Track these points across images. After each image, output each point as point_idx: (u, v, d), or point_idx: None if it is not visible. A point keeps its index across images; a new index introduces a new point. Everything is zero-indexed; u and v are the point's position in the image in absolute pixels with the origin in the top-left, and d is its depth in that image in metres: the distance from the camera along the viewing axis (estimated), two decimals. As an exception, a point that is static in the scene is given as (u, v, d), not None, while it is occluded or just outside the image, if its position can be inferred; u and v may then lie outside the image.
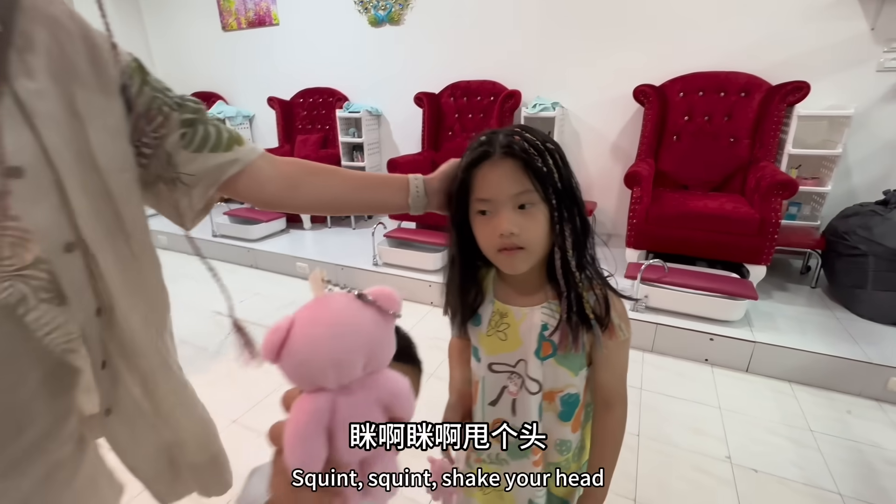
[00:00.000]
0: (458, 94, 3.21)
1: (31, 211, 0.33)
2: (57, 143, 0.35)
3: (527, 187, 0.53)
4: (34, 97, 0.34)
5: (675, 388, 1.73)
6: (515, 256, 0.55)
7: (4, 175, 0.30)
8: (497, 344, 0.62)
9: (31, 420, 0.37)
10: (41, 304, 0.34)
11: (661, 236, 2.25)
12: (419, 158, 3.11)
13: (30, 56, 0.35)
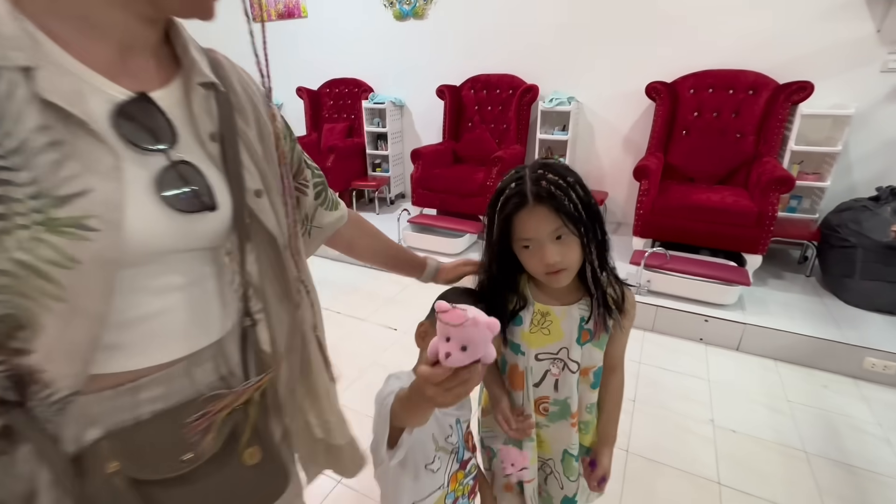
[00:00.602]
0: (479, 87, 3.37)
1: (268, 218, 0.51)
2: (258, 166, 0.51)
3: (560, 224, 0.65)
4: (252, 140, 0.51)
5: (671, 363, 1.95)
6: (560, 276, 0.69)
7: (257, 195, 0.50)
8: (541, 338, 0.76)
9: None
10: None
11: (665, 226, 2.43)
12: (440, 148, 3.31)
13: (240, 111, 0.51)
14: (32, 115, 0.34)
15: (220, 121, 0.48)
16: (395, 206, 3.89)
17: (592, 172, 3.29)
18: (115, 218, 0.37)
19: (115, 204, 0.37)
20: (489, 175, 2.82)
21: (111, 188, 0.37)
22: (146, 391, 0.44)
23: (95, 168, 0.36)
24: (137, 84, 0.42)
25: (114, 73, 0.40)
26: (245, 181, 0.49)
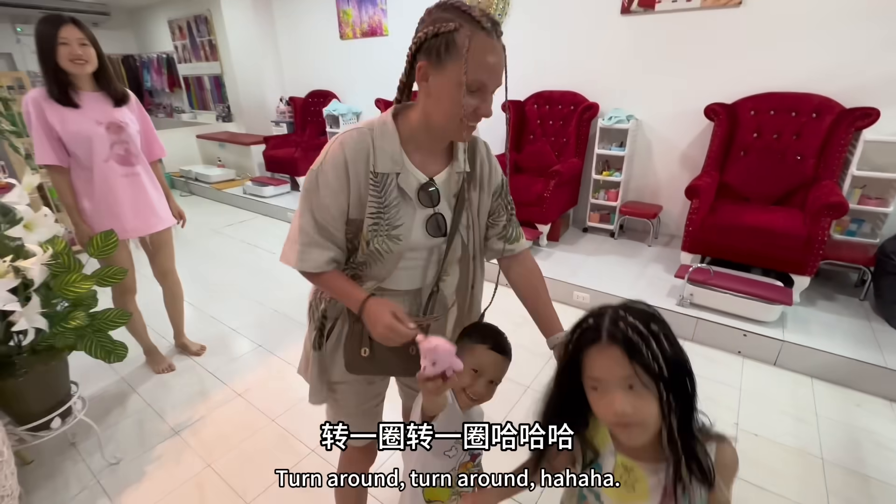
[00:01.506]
0: (542, 102, 3.62)
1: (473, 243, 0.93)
2: (474, 217, 0.91)
3: (632, 373, 0.58)
4: (473, 198, 0.90)
5: (703, 370, 2.13)
6: (632, 431, 0.61)
7: (464, 227, 0.90)
8: (626, 495, 0.68)
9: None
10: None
11: (714, 243, 2.57)
12: (500, 160, 3.59)
13: (472, 182, 0.90)
14: (394, 193, 0.83)
15: (458, 189, 0.90)
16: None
17: (648, 186, 3.43)
18: (408, 235, 0.85)
19: (409, 229, 0.85)
20: (546, 186, 3.09)
21: (410, 224, 0.85)
22: (392, 298, 0.90)
23: (407, 215, 0.85)
24: (430, 173, 0.87)
25: (422, 167, 0.86)
26: (462, 220, 0.91)
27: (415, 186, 0.84)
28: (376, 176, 0.81)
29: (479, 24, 0.73)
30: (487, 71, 0.74)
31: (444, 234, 0.89)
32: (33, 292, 1.32)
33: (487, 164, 0.94)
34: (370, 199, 0.81)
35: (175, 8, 6.72)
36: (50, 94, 1.65)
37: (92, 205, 1.80)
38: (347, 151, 0.80)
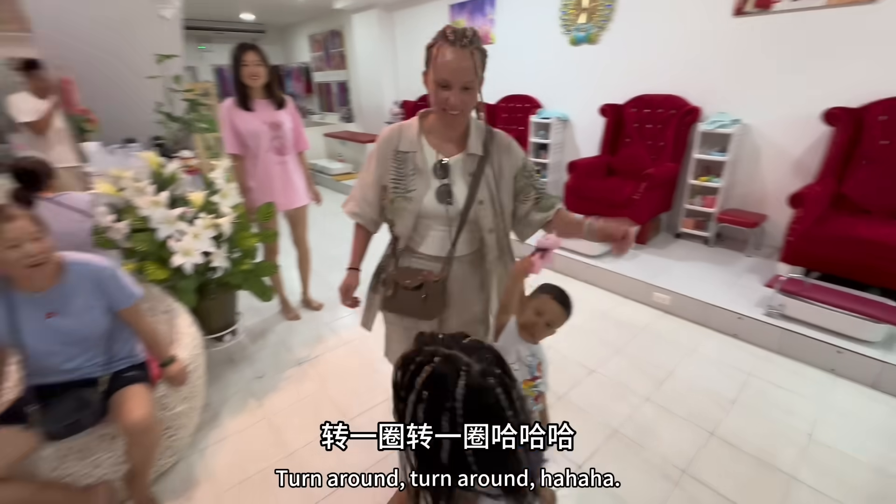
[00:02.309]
0: (641, 106, 3.63)
1: (486, 216, 1.17)
2: (493, 193, 1.18)
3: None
4: (490, 178, 1.17)
5: (786, 382, 2.07)
6: None
7: (478, 203, 1.15)
8: None
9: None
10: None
11: (821, 256, 2.41)
12: (595, 161, 3.69)
13: (488, 164, 1.17)
14: (411, 167, 1.13)
15: (475, 170, 1.14)
16: (548, 208, 4.40)
17: (754, 194, 3.26)
18: (419, 199, 1.13)
19: (421, 195, 1.13)
20: (636, 189, 3.13)
21: (423, 190, 1.13)
22: (417, 260, 1.19)
23: (422, 184, 1.13)
24: (445, 154, 1.13)
25: (438, 149, 1.13)
26: (476, 196, 1.15)
27: (430, 163, 1.12)
28: (398, 154, 1.14)
29: (445, 38, 0.98)
30: (448, 71, 0.98)
31: (451, 203, 1.13)
32: (224, 241, 1.89)
33: (505, 149, 1.15)
34: (391, 169, 1.15)
35: (315, 25, 7.81)
36: (236, 101, 2.25)
37: (255, 184, 2.38)
38: (383, 137, 1.17)
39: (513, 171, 1.17)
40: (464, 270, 1.23)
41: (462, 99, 1.01)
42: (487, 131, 1.15)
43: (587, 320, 2.64)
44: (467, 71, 0.97)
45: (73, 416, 1.34)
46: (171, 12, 3.29)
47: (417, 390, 0.63)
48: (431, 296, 1.16)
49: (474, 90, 1.02)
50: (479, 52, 1.00)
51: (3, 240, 1.17)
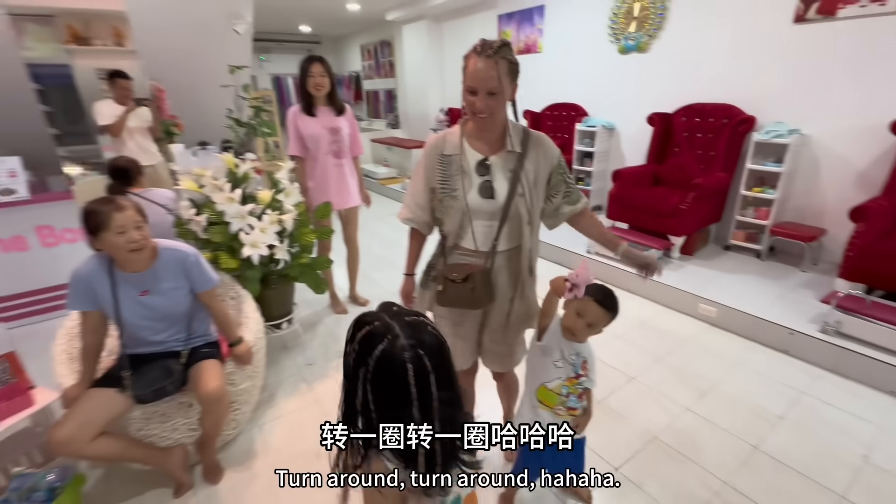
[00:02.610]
0: (691, 115, 3.57)
1: (524, 209, 1.25)
2: (530, 187, 1.25)
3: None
4: (529, 173, 1.25)
5: (842, 403, 1.98)
6: None
7: (519, 195, 1.24)
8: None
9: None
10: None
11: (884, 274, 2.29)
12: (642, 170, 3.66)
13: (527, 161, 1.25)
14: (455, 167, 1.24)
15: (515, 166, 1.23)
16: (591, 216, 4.38)
17: (812, 207, 3.13)
18: (464, 196, 1.23)
19: (466, 192, 1.23)
20: (683, 199, 3.08)
21: (467, 188, 1.23)
22: (463, 256, 1.29)
23: (465, 183, 1.23)
24: (486, 153, 1.24)
25: (479, 150, 1.24)
26: (516, 190, 1.23)
27: (473, 163, 1.23)
28: (443, 157, 1.25)
29: (475, 49, 1.10)
30: (474, 78, 1.09)
31: (492, 197, 1.22)
32: (286, 236, 2.06)
33: (541, 147, 1.24)
34: (438, 172, 1.26)
35: (367, 35, 8.15)
36: (301, 108, 2.44)
37: (313, 184, 2.56)
38: (429, 144, 1.29)
39: (548, 168, 1.25)
40: (503, 265, 1.32)
41: (487, 104, 1.11)
42: (524, 131, 1.24)
43: (629, 329, 2.63)
44: (491, 78, 1.07)
45: (160, 382, 1.52)
46: (243, 27, 3.60)
47: (353, 344, 0.73)
48: (478, 286, 1.25)
49: (500, 95, 1.11)
50: (506, 62, 1.09)
51: (114, 226, 1.37)
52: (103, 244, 1.40)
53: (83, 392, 1.47)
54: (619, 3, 3.95)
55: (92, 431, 1.38)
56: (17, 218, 2.73)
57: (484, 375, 1.59)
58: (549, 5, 4.63)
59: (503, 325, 1.38)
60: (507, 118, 1.21)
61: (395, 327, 0.71)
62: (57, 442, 1.33)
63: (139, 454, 1.52)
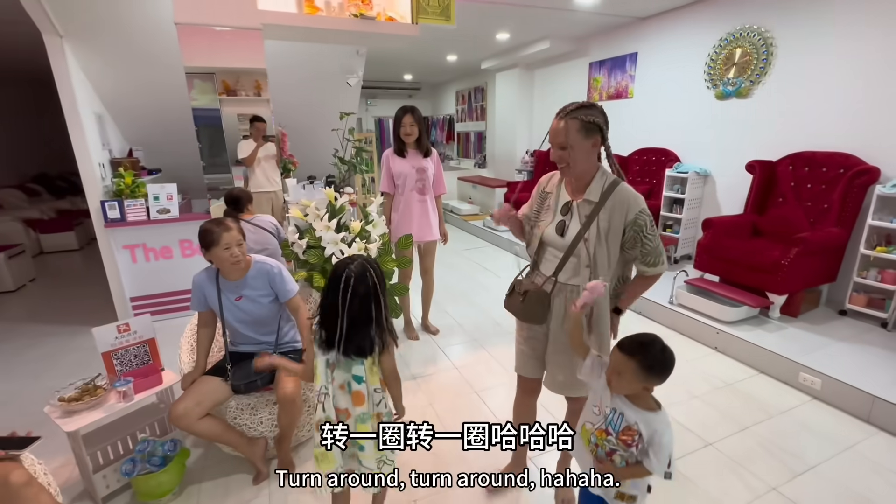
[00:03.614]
0: (799, 164, 3.28)
1: (586, 252, 1.33)
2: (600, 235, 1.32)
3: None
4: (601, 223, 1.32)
5: None
6: None
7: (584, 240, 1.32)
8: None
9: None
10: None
11: None
12: (738, 220, 3.41)
13: (602, 210, 1.32)
14: (547, 203, 1.46)
15: (590, 213, 1.32)
16: (679, 265, 4.13)
17: (958, 274, 2.65)
18: (543, 228, 1.44)
19: (545, 225, 1.43)
20: (786, 254, 2.81)
21: (548, 221, 1.43)
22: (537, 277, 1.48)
23: (549, 217, 1.43)
24: (574, 197, 1.39)
25: (570, 194, 1.40)
26: (583, 234, 1.32)
27: (560, 203, 1.40)
28: (543, 192, 1.46)
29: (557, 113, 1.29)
30: (550, 136, 1.30)
31: (563, 235, 1.37)
32: (370, 262, 2.31)
33: (621, 202, 1.29)
34: (536, 202, 1.48)
35: (463, 82, 8.74)
36: (394, 150, 2.75)
37: (397, 217, 2.82)
38: (541, 180, 1.50)
39: (622, 221, 1.29)
40: (563, 296, 1.41)
41: (559, 155, 1.29)
42: (613, 183, 1.31)
43: (711, 390, 2.42)
44: (559, 134, 1.27)
45: (252, 376, 1.78)
46: (354, 80, 4.16)
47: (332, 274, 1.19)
48: (530, 301, 1.42)
49: (571, 149, 1.26)
50: (576, 121, 1.24)
51: (222, 243, 1.68)
52: (213, 257, 1.72)
53: (197, 377, 1.77)
54: (718, 49, 3.84)
55: (201, 411, 1.67)
56: (168, 232, 3.38)
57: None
58: (643, 52, 4.63)
59: (563, 351, 1.44)
60: (601, 169, 1.34)
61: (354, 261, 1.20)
62: (175, 415, 1.63)
63: (231, 438, 1.77)
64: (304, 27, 2.61)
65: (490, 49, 6.11)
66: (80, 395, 1.70)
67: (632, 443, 1.09)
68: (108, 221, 3.20)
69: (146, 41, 3.40)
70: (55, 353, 2.99)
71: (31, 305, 3.97)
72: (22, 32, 3.83)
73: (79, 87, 3.27)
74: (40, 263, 5.17)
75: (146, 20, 3.22)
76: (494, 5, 4.05)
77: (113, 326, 1.81)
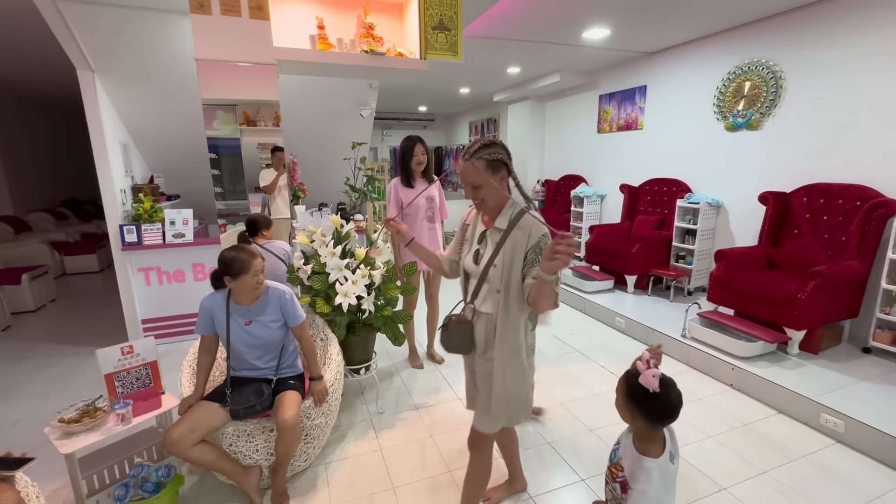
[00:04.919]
0: (814, 195, 3.22)
1: (496, 278, 1.34)
2: (506, 261, 1.33)
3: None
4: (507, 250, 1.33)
5: None
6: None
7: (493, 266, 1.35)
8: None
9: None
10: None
11: None
12: (752, 252, 3.33)
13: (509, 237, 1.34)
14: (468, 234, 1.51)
15: (499, 240, 1.36)
16: (693, 297, 4.03)
17: None
18: (464, 257, 1.47)
19: (465, 254, 1.48)
20: (803, 288, 2.72)
21: (468, 251, 1.47)
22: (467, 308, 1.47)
23: (469, 247, 1.48)
24: (487, 226, 1.42)
25: (485, 224, 1.44)
26: (492, 260, 1.36)
27: (478, 233, 1.46)
28: (465, 225, 1.53)
29: (461, 154, 1.35)
30: (461, 178, 1.35)
31: (478, 263, 1.42)
32: (374, 289, 2.31)
33: (524, 228, 1.33)
34: (460, 234, 1.54)
35: (475, 113, 8.95)
36: (401, 181, 2.79)
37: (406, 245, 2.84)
38: (464, 215, 1.55)
39: (524, 246, 1.32)
40: (482, 325, 1.44)
41: (474, 194, 1.36)
42: (519, 212, 1.37)
43: (726, 430, 2.30)
44: (469, 175, 1.33)
45: (252, 401, 1.77)
46: (367, 112, 4.30)
47: None
48: (449, 331, 1.48)
49: (484, 186, 1.32)
50: (482, 161, 1.30)
51: (251, 270, 1.72)
52: (239, 284, 1.74)
53: (195, 402, 1.77)
54: (727, 82, 3.86)
55: (196, 437, 1.65)
56: (181, 256, 3.47)
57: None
58: (652, 85, 4.69)
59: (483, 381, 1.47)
60: (510, 200, 1.37)
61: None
62: (169, 441, 1.62)
63: (226, 466, 1.75)
64: (317, 63, 2.73)
65: (502, 82, 6.27)
66: (79, 417, 1.71)
67: (617, 478, 1.11)
68: (126, 245, 3.30)
69: (169, 75, 3.60)
70: (67, 374, 3.03)
71: (48, 326, 4.07)
72: (59, 68, 4.09)
73: (107, 118, 3.45)
74: (62, 284, 5.33)
75: (169, 56, 3.42)
76: (504, 41, 4.18)
77: (117, 348, 1.84)
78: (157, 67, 3.51)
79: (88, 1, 2.80)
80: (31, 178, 6.81)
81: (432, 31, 2.80)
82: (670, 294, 4.08)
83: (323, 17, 2.80)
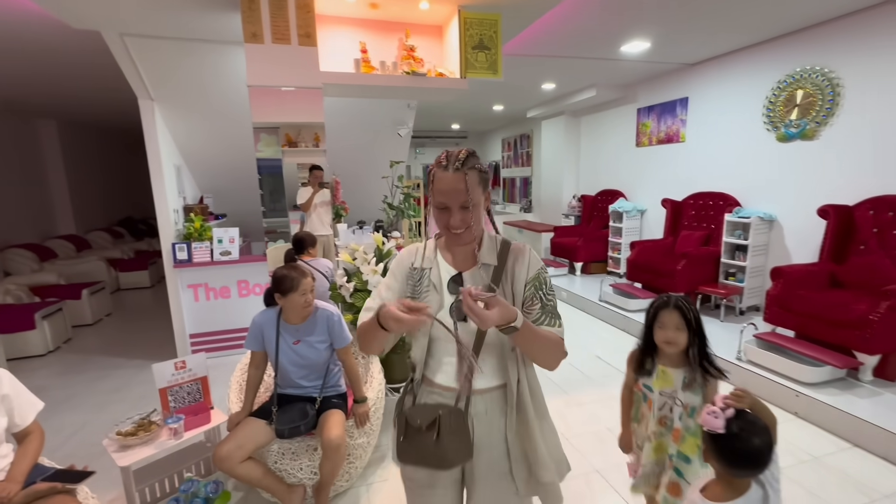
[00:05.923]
0: (882, 208, 2.99)
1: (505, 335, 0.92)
2: (515, 304, 0.97)
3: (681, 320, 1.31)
4: (505, 288, 0.99)
5: None
6: (672, 348, 1.34)
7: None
8: (661, 384, 1.37)
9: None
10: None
11: None
12: (813, 269, 3.11)
13: (505, 274, 1.00)
14: (426, 283, 1.02)
15: (493, 279, 1.02)
16: (745, 317, 3.80)
17: None
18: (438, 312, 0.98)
19: (435, 312, 0.94)
20: (875, 307, 2.51)
21: (437, 307, 0.99)
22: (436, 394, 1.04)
23: (436, 300, 1.00)
24: (462, 268, 1.04)
25: (454, 264, 1.04)
26: None
27: (445, 278, 1.04)
28: (413, 270, 1.05)
29: (438, 163, 0.98)
30: (443, 194, 0.96)
31: (465, 320, 0.97)
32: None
33: (520, 261, 1.05)
34: (408, 287, 1.04)
35: (508, 130, 8.98)
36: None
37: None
38: (400, 256, 1.11)
39: (523, 279, 1.04)
40: (489, 408, 1.04)
41: (462, 218, 0.98)
42: (503, 242, 1.08)
43: (795, 463, 2.13)
44: (460, 192, 0.96)
45: (296, 421, 1.78)
46: (405, 131, 4.38)
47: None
48: (446, 434, 0.97)
49: (474, 208, 0.99)
50: (475, 172, 0.98)
51: (300, 289, 1.75)
52: (288, 301, 1.77)
53: (243, 419, 1.79)
54: (777, 91, 3.70)
55: (244, 453, 1.67)
56: (227, 273, 3.59)
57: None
58: (694, 96, 4.55)
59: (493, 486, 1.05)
60: (483, 230, 1.06)
61: None
62: (219, 457, 1.64)
63: (271, 484, 1.75)
64: (360, 85, 2.81)
65: (536, 98, 6.26)
66: (135, 430, 1.76)
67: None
68: (177, 262, 3.46)
69: (221, 101, 3.80)
70: (121, 386, 3.17)
71: (104, 338, 4.29)
72: (121, 98, 4.41)
73: (163, 143, 3.67)
74: (117, 299, 5.63)
75: (220, 83, 3.62)
76: (540, 58, 4.18)
77: (171, 363, 1.90)
78: (208, 94, 3.72)
79: (151, 35, 3.01)
80: (92, 199, 7.31)
81: (472, 51, 2.83)
82: (720, 313, 3.86)
83: (366, 41, 2.89)
